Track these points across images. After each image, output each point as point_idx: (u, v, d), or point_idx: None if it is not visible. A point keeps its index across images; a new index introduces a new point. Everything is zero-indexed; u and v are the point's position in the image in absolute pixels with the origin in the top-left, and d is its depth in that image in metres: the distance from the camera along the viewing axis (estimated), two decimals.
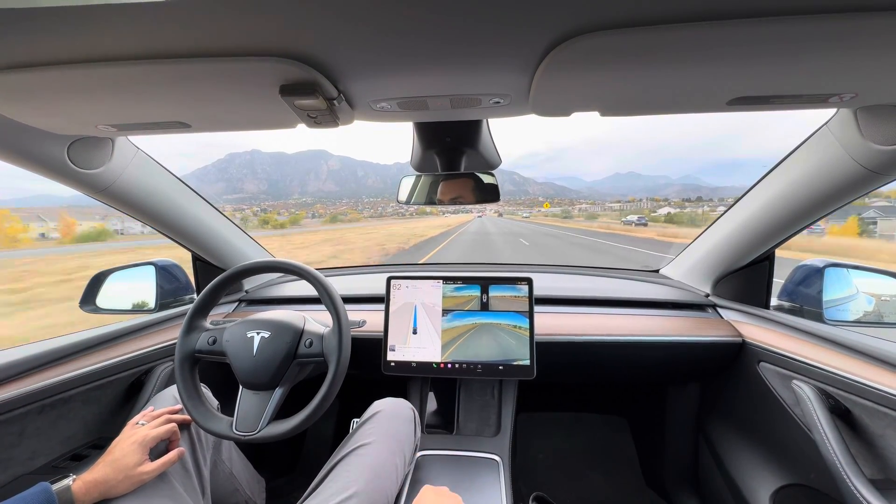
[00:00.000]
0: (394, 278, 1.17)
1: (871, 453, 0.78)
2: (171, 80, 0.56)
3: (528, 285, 1.11)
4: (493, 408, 1.20)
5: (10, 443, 0.78)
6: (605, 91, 0.61)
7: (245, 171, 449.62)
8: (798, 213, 0.93)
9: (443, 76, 0.59)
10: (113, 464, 0.70)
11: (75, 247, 29.84)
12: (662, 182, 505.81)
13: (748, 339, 1.08)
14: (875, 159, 0.73)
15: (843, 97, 0.61)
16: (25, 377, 0.82)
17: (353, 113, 0.72)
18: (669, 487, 1.39)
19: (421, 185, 1.12)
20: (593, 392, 1.74)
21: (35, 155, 0.81)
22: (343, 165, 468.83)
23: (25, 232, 65.95)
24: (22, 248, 34.35)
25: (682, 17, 0.43)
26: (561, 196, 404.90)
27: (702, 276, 1.30)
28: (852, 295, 1.06)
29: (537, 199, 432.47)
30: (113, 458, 0.71)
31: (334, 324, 0.86)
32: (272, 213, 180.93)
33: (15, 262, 19.05)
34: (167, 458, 0.75)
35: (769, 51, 0.48)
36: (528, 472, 1.57)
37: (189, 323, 0.90)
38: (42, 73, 0.53)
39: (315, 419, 0.82)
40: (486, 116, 0.83)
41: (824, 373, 0.85)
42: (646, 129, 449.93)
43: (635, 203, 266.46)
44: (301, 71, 0.53)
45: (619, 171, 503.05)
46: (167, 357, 1.10)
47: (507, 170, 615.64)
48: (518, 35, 0.48)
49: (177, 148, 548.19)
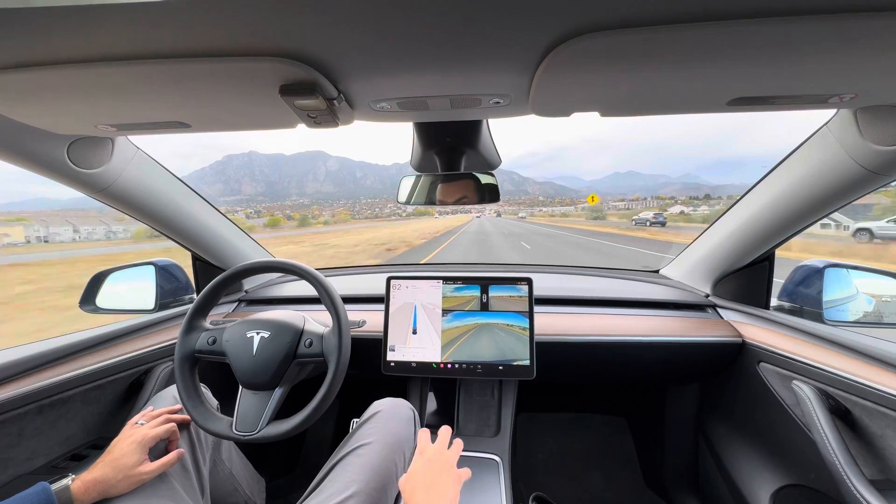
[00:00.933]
0: (394, 278, 1.17)
1: (870, 454, 0.78)
2: (171, 80, 0.55)
3: (528, 285, 1.11)
4: (493, 408, 1.20)
5: (10, 443, 0.78)
6: (604, 92, 0.61)
7: (242, 172, 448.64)
8: (798, 213, 0.93)
9: (443, 76, 0.59)
10: (112, 463, 0.70)
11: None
12: (662, 181, 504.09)
13: (748, 339, 1.08)
14: (875, 160, 0.73)
15: (843, 98, 0.61)
16: (25, 377, 0.82)
17: (353, 113, 0.72)
18: (669, 488, 1.39)
19: (421, 186, 1.12)
20: (593, 392, 1.74)
21: (35, 155, 0.81)
22: (341, 166, 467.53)
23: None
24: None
25: (682, 17, 0.43)
26: (561, 196, 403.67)
27: (702, 276, 1.30)
28: (852, 295, 1.06)
29: (537, 198, 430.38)
30: (112, 458, 0.71)
31: (334, 324, 0.86)
32: (239, 217, 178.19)
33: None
34: (167, 459, 0.75)
35: (769, 51, 0.47)
36: (527, 472, 1.57)
37: (189, 323, 0.90)
38: (42, 73, 0.53)
39: (315, 419, 0.82)
40: (486, 117, 0.83)
41: (824, 373, 0.85)
42: (644, 129, 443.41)
43: (640, 202, 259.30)
44: (301, 71, 0.53)
45: (619, 170, 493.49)
46: (167, 357, 1.10)
47: (507, 169, 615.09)
48: (518, 36, 0.48)
49: (173, 149, 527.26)
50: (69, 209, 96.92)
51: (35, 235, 65.91)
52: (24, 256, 27.13)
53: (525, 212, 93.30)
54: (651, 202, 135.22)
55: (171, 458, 0.75)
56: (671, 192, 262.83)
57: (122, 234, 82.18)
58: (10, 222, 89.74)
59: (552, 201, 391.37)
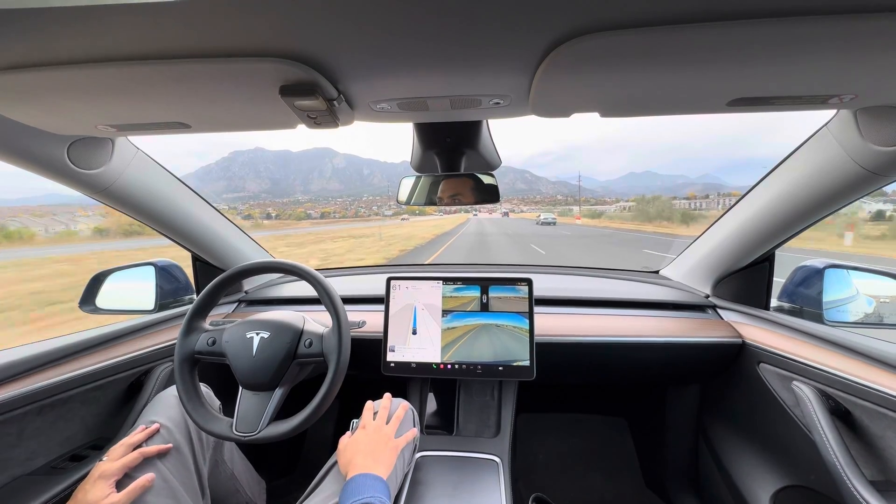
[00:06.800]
0: (394, 279, 1.17)
1: (871, 455, 0.77)
2: (171, 81, 0.55)
3: (528, 286, 1.11)
4: (493, 408, 1.20)
5: (9, 443, 0.78)
6: (604, 92, 0.61)
7: (247, 169, 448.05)
8: (798, 214, 0.93)
9: (443, 77, 0.59)
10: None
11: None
12: (681, 182, 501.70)
13: (748, 340, 1.08)
14: (875, 160, 0.73)
15: (843, 98, 0.61)
16: (24, 377, 0.82)
17: (353, 113, 0.72)
18: (669, 488, 1.39)
19: (421, 186, 1.12)
20: (593, 393, 1.74)
21: (35, 155, 0.81)
22: (349, 164, 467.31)
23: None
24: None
25: (682, 17, 0.43)
26: (576, 195, 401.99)
27: (702, 276, 1.30)
28: (852, 296, 1.06)
29: (555, 197, 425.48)
30: (76, 501, 0.69)
31: (334, 324, 0.86)
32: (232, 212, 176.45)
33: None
34: (134, 486, 0.71)
35: (769, 52, 0.48)
36: (527, 472, 1.56)
37: (188, 323, 0.90)
38: (42, 74, 0.53)
39: (315, 419, 0.82)
40: (486, 117, 0.83)
41: (824, 374, 0.85)
42: (660, 129, 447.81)
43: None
44: (301, 72, 0.53)
45: (634, 170, 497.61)
46: (167, 357, 1.09)
47: (519, 168, 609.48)
48: (518, 36, 0.48)
49: (189, 148, 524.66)
50: (83, 205, 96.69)
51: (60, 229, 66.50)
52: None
53: (548, 214, 62.39)
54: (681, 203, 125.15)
55: (139, 482, 0.72)
56: (694, 193, 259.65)
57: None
58: (36, 217, 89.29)
59: (566, 200, 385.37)
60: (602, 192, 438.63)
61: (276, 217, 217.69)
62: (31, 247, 31.47)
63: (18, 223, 45.02)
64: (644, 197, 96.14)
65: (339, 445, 0.80)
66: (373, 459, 0.74)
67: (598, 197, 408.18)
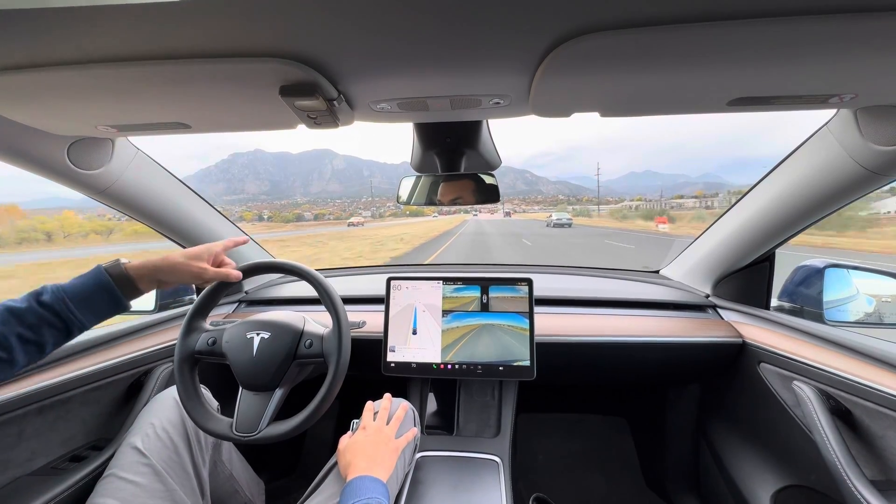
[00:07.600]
0: (394, 279, 1.17)
1: (871, 454, 0.77)
2: (171, 81, 0.55)
3: (529, 286, 1.11)
4: (493, 409, 1.20)
5: (9, 444, 0.78)
6: (604, 92, 0.61)
7: (247, 171, 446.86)
8: (798, 213, 0.93)
9: (442, 77, 0.59)
10: (165, 258, 0.75)
11: None
12: (682, 181, 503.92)
13: (748, 339, 1.08)
14: (875, 160, 0.73)
15: (843, 98, 0.61)
16: (24, 377, 0.82)
17: (353, 114, 0.72)
18: (670, 488, 1.39)
19: (421, 186, 1.12)
20: (593, 393, 1.74)
21: (35, 156, 0.81)
22: (348, 165, 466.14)
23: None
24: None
25: (682, 17, 0.43)
26: (577, 195, 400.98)
27: (702, 276, 1.30)
28: (852, 296, 1.06)
29: (556, 197, 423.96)
30: (165, 255, 0.76)
31: (334, 324, 0.86)
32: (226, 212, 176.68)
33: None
34: (226, 270, 0.83)
35: (769, 51, 0.48)
36: (528, 473, 1.56)
37: (188, 324, 0.90)
38: (42, 74, 0.53)
39: (315, 420, 0.81)
40: (486, 117, 0.83)
41: (825, 374, 0.85)
42: (661, 128, 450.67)
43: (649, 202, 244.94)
44: (301, 72, 0.53)
45: (635, 169, 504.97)
46: (167, 358, 1.09)
47: (519, 168, 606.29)
48: (518, 36, 0.48)
49: (190, 152, 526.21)
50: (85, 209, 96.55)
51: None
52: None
53: (561, 213, 37.24)
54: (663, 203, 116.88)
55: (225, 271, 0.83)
56: (692, 192, 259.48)
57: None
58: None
59: (568, 200, 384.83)
60: (603, 192, 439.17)
61: (268, 219, 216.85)
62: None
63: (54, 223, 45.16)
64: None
65: (340, 446, 0.80)
66: (373, 461, 0.74)
67: (601, 197, 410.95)
